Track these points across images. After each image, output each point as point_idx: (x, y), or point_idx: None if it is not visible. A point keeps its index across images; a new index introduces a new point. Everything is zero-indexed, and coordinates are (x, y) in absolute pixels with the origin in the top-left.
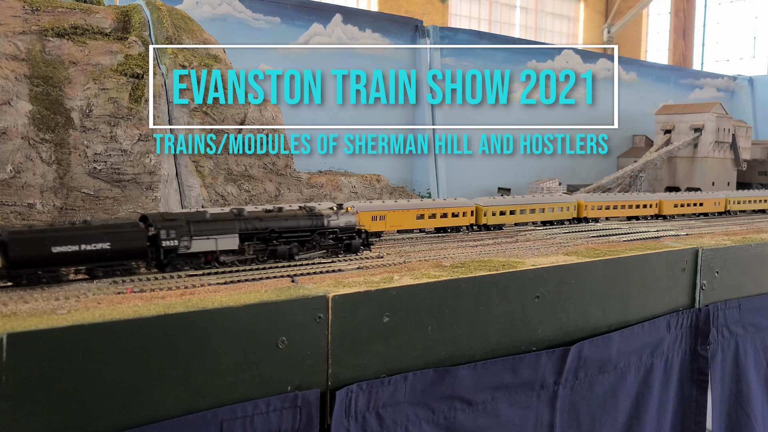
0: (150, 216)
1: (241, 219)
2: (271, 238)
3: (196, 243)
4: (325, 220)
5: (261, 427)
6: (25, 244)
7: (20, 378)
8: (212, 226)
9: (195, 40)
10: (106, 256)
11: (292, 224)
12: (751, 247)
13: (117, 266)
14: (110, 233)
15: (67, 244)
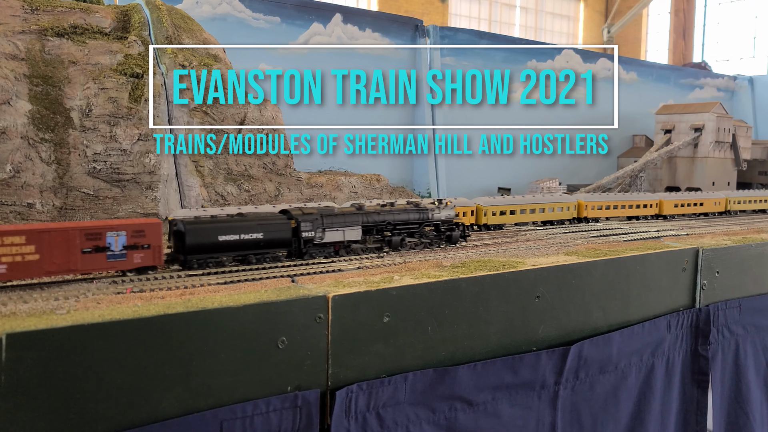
0: (291, 210)
1: (363, 213)
2: (387, 229)
3: (329, 234)
4: (430, 213)
5: (261, 427)
6: (199, 233)
7: (19, 378)
8: (340, 219)
9: (195, 39)
10: (259, 245)
11: (404, 217)
12: (751, 247)
13: (266, 254)
14: (263, 225)
15: (230, 234)
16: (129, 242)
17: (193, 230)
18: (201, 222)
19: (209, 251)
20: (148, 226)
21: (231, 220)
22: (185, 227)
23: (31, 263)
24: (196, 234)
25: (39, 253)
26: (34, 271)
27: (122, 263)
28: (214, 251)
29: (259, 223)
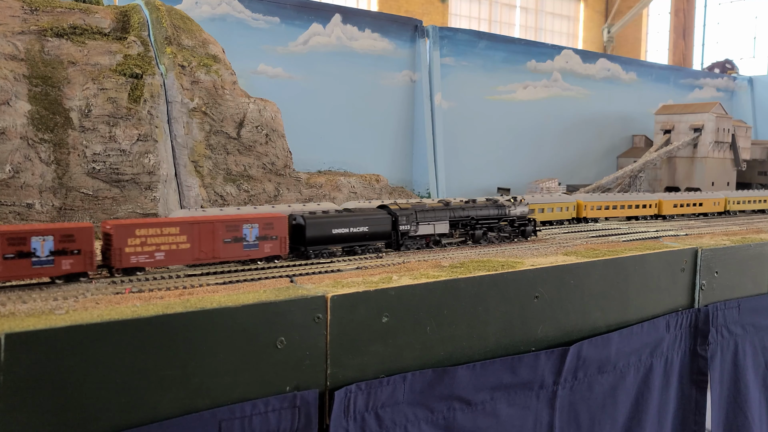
0: (389, 206)
1: (450, 209)
2: (470, 224)
3: (421, 227)
4: (507, 209)
5: (259, 427)
6: (316, 226)
7: (18, 378)
8: (431, 214)
9: (194, 40)
10: (365, 237)
11: (485, 213)
12: (750, 248)
13: (369, 245)
14: (368, 219)
15: (341, 227)
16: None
17: (312, 224)
18: (317, 217)
19: (324, 243)
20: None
21: (342, 215)
22: (305, 221)
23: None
24: (314, 227)
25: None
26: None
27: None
28: (328, 243)
29: (365, 217)
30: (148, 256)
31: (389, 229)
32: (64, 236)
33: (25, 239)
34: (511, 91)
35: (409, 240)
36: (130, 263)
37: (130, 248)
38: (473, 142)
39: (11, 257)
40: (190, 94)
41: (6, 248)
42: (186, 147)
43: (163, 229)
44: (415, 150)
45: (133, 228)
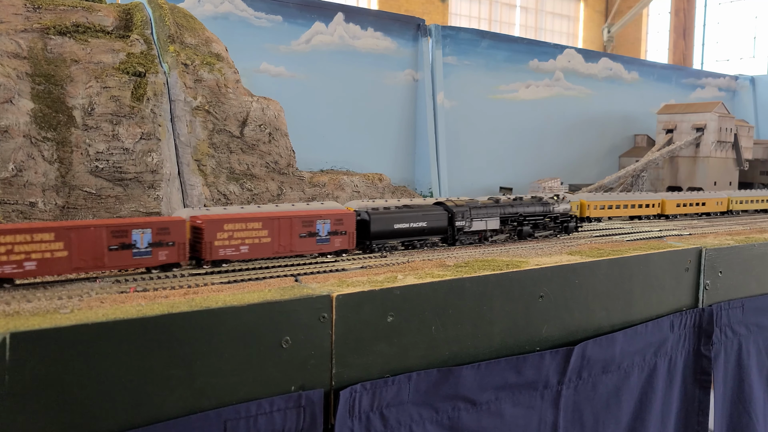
0: (444, 203)
1: (500, 206)
2: (518, 220)
3: (475, 223)
4: (551, 207)
5: (264, 427)
6: (380, 221)
7: (23, 378)
8: (483, 211)
9: (197, 38)
10: (423, 232)
11: (532, 210)
12: (754, 247)
13: (427, 239)
14: (426, 215)
15: (403, 222)
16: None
17: (376, 219)
18: (381, 212)
19: (386, 237)
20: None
21: (403, 211)
22: (370, 217)
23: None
24: (378, 222)
25: None
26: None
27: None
28: (390, 237)
29: (424, 213)
30: (234, 249)
31: (446, 225)
32: (161, 229)
33: (126, 232)
34: (513, 90)
35: (463, 235)
36: (219, 256)
37: (219, 242)
38: (475, 141)
39: (115, 248)
40: (193, 92)
41: (111, 240)
42: (189, 146)
43: (248, 224)
44: (418, 149)
45: (222, 223)
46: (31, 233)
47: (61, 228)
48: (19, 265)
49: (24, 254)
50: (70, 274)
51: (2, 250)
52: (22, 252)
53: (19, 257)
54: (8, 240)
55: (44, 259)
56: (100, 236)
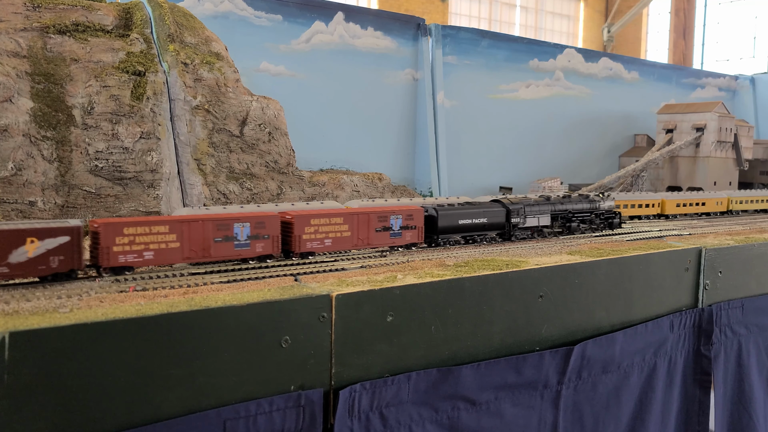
0: (501, 200)
1: (551, 203)
2: (567, 217)
3: (529, 220)
4: (597, 204)
5: (264, 426)
6: (447, 217)
7: (22, 377)
8: (536, 208)
9: (197, 37)
10: (484, 228)
11: (579, 207)
12: (754, 247)
13: (486, 234)
14: (487, 211)
15: (466, 218)
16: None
17: (443, 215)
18: (447, 209)
19: (451, 232)
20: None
21: (466, 208)
22: (437, 213)
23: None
24: (445, 218)
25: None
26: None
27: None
28: (454, 232)
29: (484, 210)
30: (319, 242)
31: (503, 221)
32: (258, 223)
33: (230, 225)
34: (513, 89)
35: (518, 230)
36: (307, 248)
37: (306, 235)
38: (475, 140)
39: (220, 240)
40: (193, 91)
41: (216, 233)
42: (189, 145)
43: (331, 219)
44: (418, 149)
45: (310, 218)
46: (149, 226)
47: (174, 221)
48: (139, 255)
49: (143, 245)
50: (181, 263)
51: (125, 242)
52: (142, 243)
53: (139, 248)
54: (130, 232)
55: (160, 250)
56: (208, 229)
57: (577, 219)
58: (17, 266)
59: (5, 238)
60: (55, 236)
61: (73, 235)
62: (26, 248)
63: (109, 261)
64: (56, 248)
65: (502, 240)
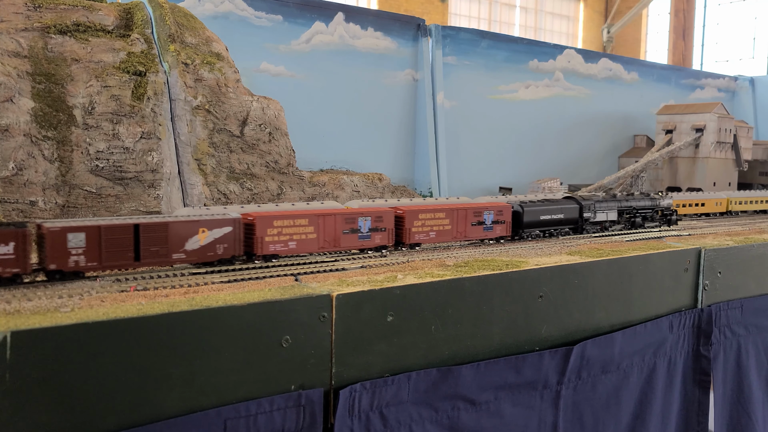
0: (575, 196)
1: (617, 200)
2: (632, 213)
3: (598, 215)
4: (658, 202)
5: (264, 426)
6: (531, 213)
7: (24, 376)
8: (605, 204)
9: (197, 37)
10: (560, 222)
11: (642, 204)
12: (753, 248)
13: (561, 229)
14: (563, 208)
15: (546, 214)
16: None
17: (528, 211)
18: (531, 205)
19: (534, 226)
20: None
21: (546, 204)
22: (523, 209)
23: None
24: (530, 214)
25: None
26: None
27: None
28: (536, 226)
29: (561, 206)
30: (425, 234)
31: (577, 216)
32: (377, 217)
33: (355, 219)
34: (513, 90)
35: (589, 225)
36: (415, 240)
37: (415, 228)
38: (475, 141)
39: (347, 232)
40: (194, 91)
41: (344, 225)
42: (189, 145)
43: (435, 214)
44: (417, 149)
45: (418, 212)
46: (293, 219)
47: (313, 215)
48: (285, 245)
49: (288, 236)
50: (317, 252)
51: (275, 233)
52: (287, 234)
53: (285, 238)
54: (278, 224)
55: (301, 240)
56: (338, 222)
57: (640, 215)
58: (192, 252)
59: (183, 228)
60: (221, 227)
61: (235, 225)
62: (198, 237)
63: (262, 249)
64: (221, 237)
65: (574, 234)
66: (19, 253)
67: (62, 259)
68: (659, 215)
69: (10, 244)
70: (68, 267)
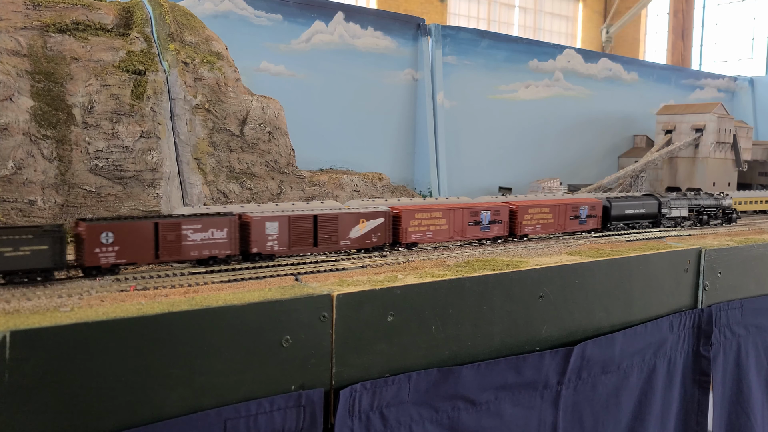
0: (653, 193)
1: (687, 198)
2: (699, 211)
3: (673, 211)
4: (721, 201)
5: (265, 426)
6: (618, 208)
7: (23, 376)
8: (678, 202)
9: (197, 36)
10: (642, 217)
11: (708, 203)
12: (753, 248)
13: (641, 223)
14: (644, 203)
15: (631, 209)
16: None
17: (615, 206)
18: (617, 200)
19: (620, 220)
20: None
21: (629, 199)
22: (611, 204)
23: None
24: (617, 208)
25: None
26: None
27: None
28: (621, 220)
29: (642, 202)
30: (533, 228)
31: (656, 211)
32: (495, 211)
33: (478, 212)
34: (513, 90)
35: (665, 220)
36: (524, 232)
37: (525, 222)
38: (475, 141)
39: (472, 224)
40: (194, 91)
41: (470, 218)
42: (189, 144)
43: (541, 209)
44: (417, 149)
45: (528, 207)
46: (430, 212)
47: (445, 209)
48: (423, 234)
49: (426, 227)
50: (447, 241)
51: (416, 224)
52: (426, 225)
53: (424, 228)
54: (419, 217)
55: (436, 230)
56: (465, 215)
57: (707, 213)
58: (354, 240)
59: (349, 219)
60: (376, 218)
61: (386, 217)
62: (359, 227)
63: (406, 238)
64: (376, 227)
65: (652, 228)
66: (231, 238)
67: (262, 244)
68: (723, 213)
69: (224, 230)
70: (266, 251)
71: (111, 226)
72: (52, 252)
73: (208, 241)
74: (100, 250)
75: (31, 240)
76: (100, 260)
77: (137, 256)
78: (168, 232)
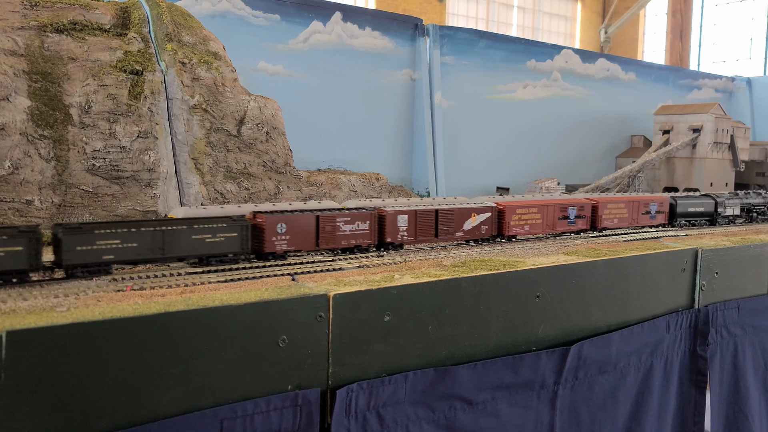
0: (710, 194)
1: (739, 198)
2: (749, 209)
3: (728, 210)
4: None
5: (261, 426)
6: (682, 205)
7: (19, 376)
8: (731, 201)
9: (195, 36)
10: (701, 215)
11: (757, 201)
12: (750, 248)
13: (699, 220)
14: (703, 202)
15: (691, 207)
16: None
17: (680, 204)
18: (681, 198)
19: (682, 216)
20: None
21: (691, 198)
22: (676, 202)
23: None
24: (681, 206)
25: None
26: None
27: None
28: (684, 217)
29: (701, 201)
30: (610, 221)
31: (713, 210)
32: (580, 207)
33: (566, 208)
34: (510, 90)
35: (720, 218)
36: (604, 225)
37: (605, 215)
38: (473, 141)
39: (561, 218)
40: (191, 91)
41: (559, 213)
42: (186, 144)
43: (618, 204)
44: (415, 149)
45: (606, 203)
46: (528, 208)
47: (540, 205)
48: (521, 227)
49: (524, 221)
50: (541, 233)
51: (516, 218)
52: (524, 220)
53: (522, 222)
54: (519, 212)
55: (532, 224)
56: (556, 210)
57: (756, 210)
58: (467, 231)
59: (463, 213)
60: (484, 213)
61: (492, 212)
62: (471, 220)
63: (508, 231)
64: (484, 221)
65: (708, 224)
66: (372, 229)
67: (395, 234)
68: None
69: (366, 222)
70: (397, 241)
71: (284, 218)
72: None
73: (355, 232)
74: (276, 239)
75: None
76: (276, 247)
77: (303, 243)
78: (326, 224)
